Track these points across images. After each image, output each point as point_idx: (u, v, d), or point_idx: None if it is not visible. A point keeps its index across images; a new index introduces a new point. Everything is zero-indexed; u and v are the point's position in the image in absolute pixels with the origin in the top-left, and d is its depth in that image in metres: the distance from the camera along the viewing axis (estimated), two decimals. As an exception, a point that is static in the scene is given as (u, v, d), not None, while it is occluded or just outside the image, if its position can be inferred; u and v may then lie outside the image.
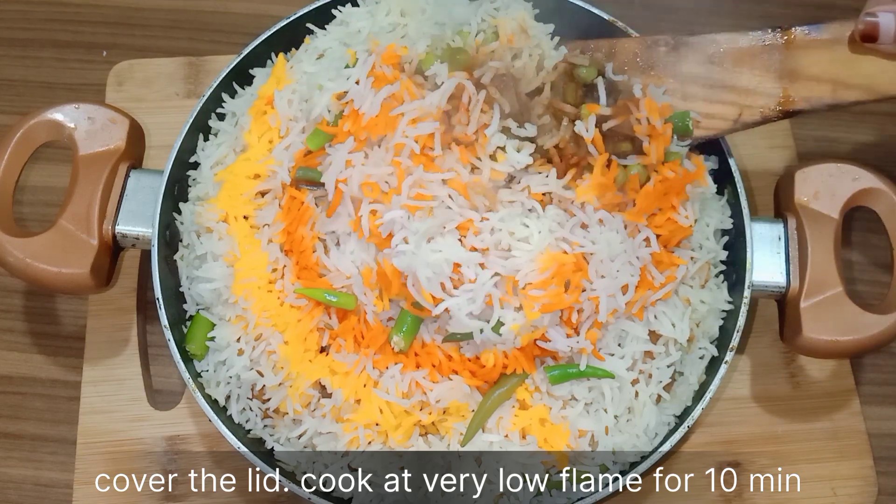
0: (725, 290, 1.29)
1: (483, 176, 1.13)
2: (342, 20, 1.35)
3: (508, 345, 1.13)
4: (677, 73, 1.22)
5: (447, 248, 1.10)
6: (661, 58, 1.22)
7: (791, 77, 1.18)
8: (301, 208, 1.19)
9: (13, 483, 1.34)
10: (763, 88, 1.19)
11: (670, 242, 1.20)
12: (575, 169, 1.15)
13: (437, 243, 1.10)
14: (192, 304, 1.29)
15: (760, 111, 1.20)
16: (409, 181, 1.11)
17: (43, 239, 1.25)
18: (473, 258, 1.10)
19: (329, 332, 1.18)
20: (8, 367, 1.41)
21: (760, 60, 1.19)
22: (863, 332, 1.24)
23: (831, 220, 1.29)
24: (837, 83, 1.17)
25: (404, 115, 1.13)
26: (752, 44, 1.19)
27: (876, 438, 1.38)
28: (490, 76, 1.14)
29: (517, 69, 1.17)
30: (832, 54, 1.16)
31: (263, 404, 1.21)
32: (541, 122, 1.15)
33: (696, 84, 1.21)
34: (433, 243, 1.10)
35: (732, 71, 1.20)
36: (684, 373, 1.25)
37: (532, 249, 1.10)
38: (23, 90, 1.61)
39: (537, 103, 1.16)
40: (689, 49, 1.21)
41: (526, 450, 1.16)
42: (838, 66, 1.16)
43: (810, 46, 1.17)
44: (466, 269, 1.10)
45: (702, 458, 1.35)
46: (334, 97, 1.20)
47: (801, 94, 1.18)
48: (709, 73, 1.21)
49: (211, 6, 1.70)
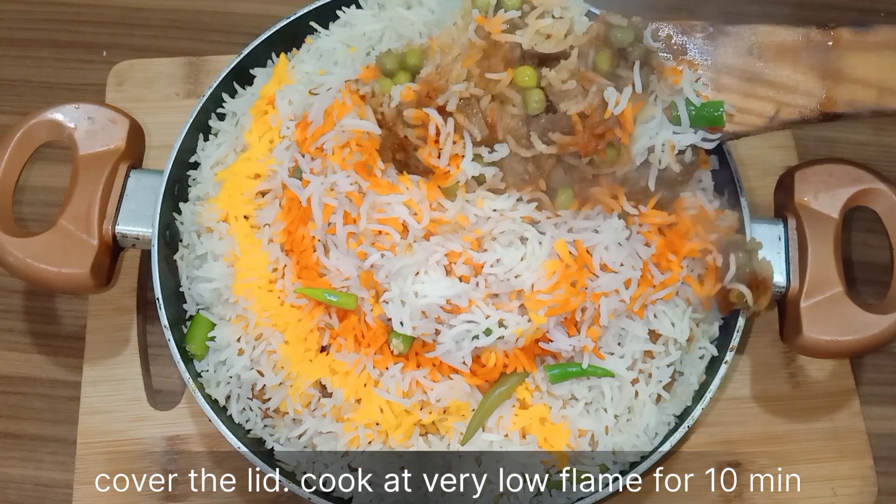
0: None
1: (448, 215, 1.09)
2: (346, 21, 1.35)
3: (510, 345, 1.13)
4: (713, 62, 1.15)
5: (434, 287, 1.09)
6: (696, 44, 1.14)
7: (835, 78, 1.12)
8: (301, 208, 1.19)
9: (13, 483, 1.34)
10: (805, 87, 1.13)
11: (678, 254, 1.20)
12: (596, 143, 1.07)
13: (422, 283, 1.09)
14: (192, 304, 1.28)
15: (800, 110, 1.13)
16: (365, 206, 1.10)
17: (43, 239, 1.25)
18: (465, 290, 1.10)
19: (329, 331, 1.18)
20: (8, 367, 1.41)
21: (804, 57, 1.13)
22: (863, 332, 1.24)
23: (831, 220, 1.29)
24: (884, 89, 1.11)
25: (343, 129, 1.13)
26: (795, 39, 1.13)
27: (876, 438, 1.38)
28: (455, 102, 1.07)
29: (545, 27, 1.08)
30: (880, 58, 1.11)
31: (263, 404, 1.21)
32: (565, 88, 1.07)
33: (732, 75, 1.14)
34: (419, 283, 1.09)
35: (773, 65, 1.13)
36: (684, 373, 1.25)
37: (535, 260, 1.10)
38: (23, 90, 1.61)
39: (562, 68, 1.07)
40: (727, 38, 1.14)
41: (526, 449, 1.16)
42: (886, 71, 1.11)
43: (858, 48, 1.12)
44: (459, 299, 1.10)
45: (702, 458, 1.35)
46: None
47: (844, 96, 1.12)
48: (747, 65, 1.14)
49: (211, 6, 1.70)
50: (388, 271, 1.10)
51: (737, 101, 1.14)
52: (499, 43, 1.08)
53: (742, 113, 1.14)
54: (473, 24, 1.09)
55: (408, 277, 1.09)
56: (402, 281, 1.09)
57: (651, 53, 1.10)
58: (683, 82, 1.11)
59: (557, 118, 1.08)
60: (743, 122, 1.14)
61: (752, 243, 1.22)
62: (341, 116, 1.13)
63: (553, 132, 1.07)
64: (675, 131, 1.11)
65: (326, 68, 1.28)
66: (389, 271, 1.10)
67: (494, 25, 1.08)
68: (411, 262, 1.09)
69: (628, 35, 1.07)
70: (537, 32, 1.08)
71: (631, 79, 1.07)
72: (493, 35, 1.07)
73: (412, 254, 1.10)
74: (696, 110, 1.12)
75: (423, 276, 1.09)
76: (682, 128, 1.12)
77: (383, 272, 1.10)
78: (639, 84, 1.07)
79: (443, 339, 1.11)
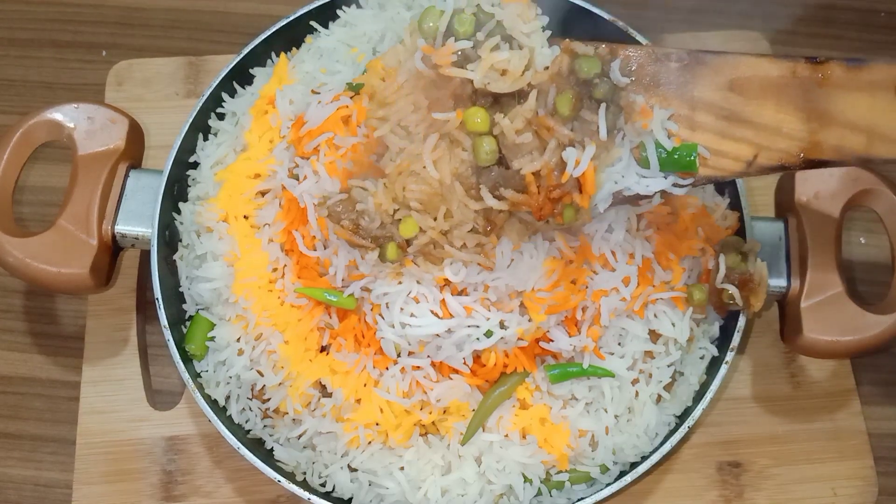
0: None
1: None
2: (346, 21, 1.35)
3: (511, 345, 1.13)
4: (688, 96, 1.01)
5: (422, 321, 1.10)
6: (671, 75, 1.01)
7: (822, 120, 0.99)
8: (301, 208, 1.19)
9: (13, 483, 1.34)
10: (788, 129, 1.00)
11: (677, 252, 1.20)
12: (552, 206, 0.98)
13: (413, 317, 1.10)
14: (191, 304, 1.28)
15: (781, 156, 1.01)
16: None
17: (43, 239, 1.25)
18: (456, 322, 1.10)
19: (329, 331, 1.18)
20: (8, 367, 1.41)
21: (789, 95, 1.00)
22: (863, 332, 1.24)
23: (831, 219, 1.29)
24: (874, 134, 0.99)
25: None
26: (781, 73, 1.00)
27: (876, 438, 1.38)
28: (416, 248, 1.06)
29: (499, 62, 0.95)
30: (873, 99, 0.98)
31: (263, 404, 1.21)
32: (519, 140, 0.96)
33: (708, 113, 1.01)
34: (407, 316, 1.10)
35: (754, 103, 1.00)
36: (684, 373, 1.25)
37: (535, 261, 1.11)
38: (23, 90, 1.61)
39: (518, 114, 0.96)
40: (706, 69, 1.01)
41: (526, 450, 1.16)
42: (878, 115, 0.99)
43: (849, 87, 0.99)
44: (455, 318, 1.11)
45: (702, 458, 1.35)
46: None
47: (831, 141, 0.99)
48: (726, 101, 1.00)
49: (211, 6, 1.70)
50: (377, 296, 1.11)
51: (712, 143, 1.01)
52: (447, 76, 0.97)
53: (717, 156, 1.01)
54: (419, 50, 0.98)
55: (395, 304, 1.10)
56: (389, 312, 1.11)
57: (619, 91, 0.99)
58: (654, 124, 0.99)
59: (510, 175, 0.99)
60: (717, 166, 1.02)
61: (750, 244, 1.22)
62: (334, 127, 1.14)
63: (505, 188, 0.99)
64: (642, 175, 1.01)
65: (328, 67, 1.28)
66: (377, 296, 1.11)
67: (443, 57, 0.96)
68: (399, 290, 1.10)
69: (594, 66, 0.97)
70: (491, 68, 0.95)
71: (595, 125, 0.97)
72: (441, 70, 0.96)
73: (399, 281, 1.11)
74: (668, 154, 1.00)
75: (412, 307, 1.10)
76: (650, 171, 1.01)
77: (373, 295, 1.12)
78: (603, 130, 0.97)
79: (443, 343, 1.11)
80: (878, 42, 1.72)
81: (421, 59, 0.98)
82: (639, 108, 0.99)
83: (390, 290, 1.11)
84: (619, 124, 1.00)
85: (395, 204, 1.04)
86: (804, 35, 1.71)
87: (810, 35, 1.71)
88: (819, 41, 1.71)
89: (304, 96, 1.25)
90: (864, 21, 1.74)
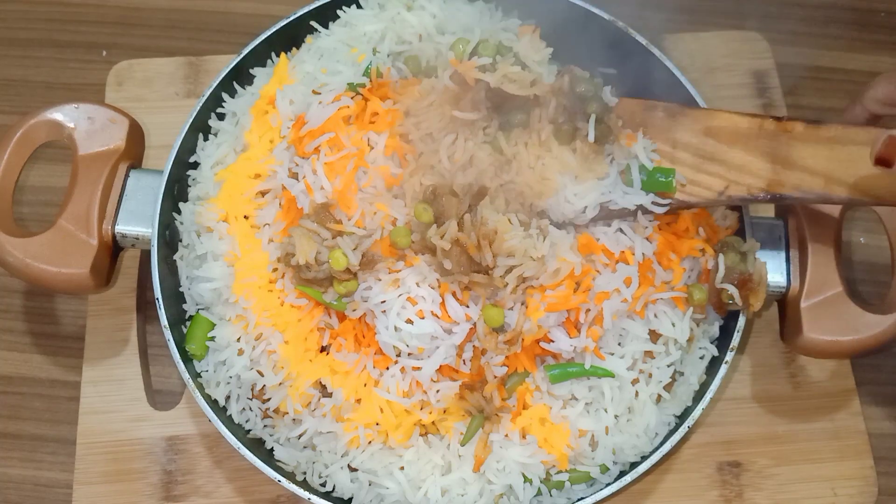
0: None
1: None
2: (346, 21, 1.35)
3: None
4: (670, 137, 1.19)
5: (417, 327, 1.11)
6: (657, 121, 1.20)
7: (784, 164, 1.14)
8: (300, 208, 1.19)
9: (13, 483, 1.34)
10: (755, 168, 1.15)
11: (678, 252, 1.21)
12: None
13: (408, 324, 1.11)
14: (191, 304, 1.28)
15: (748, 188, 1.15)
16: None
17: (43, 239, 1.25)
18: (459, 317, 1.11)
19: (329, 331, 1.18)
20: (8, 367, 1.41)
21: (756, 143, 1.15)
22: (863, 332, 1.24)
23: (831, 219, 1.29)
24: (831, 179, 1.12)
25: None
26: (749, 126, 1.16)
27: (876, 438, 1.38)
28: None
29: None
30: (830, 151, 1.12)
31: (263, 404, 1.21)
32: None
33: (686, 151, 1.18)
34: (408, 318, 1.11)
35: (725, 147, 1.17)
36: (684, 373, 1.25)
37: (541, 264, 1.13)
38: (23, 90, 1.61)
39: (447, 229, 1.10)
40: (686, 118, 1.19)
41: (526, 449, 1.16)
42: (835, 164, 1.12)
43: (809, 140, 1.13)
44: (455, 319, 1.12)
45: (702, 458, 1.35)
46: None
47: (791, 181, 1.14)
48: (702, 144, 1.18)
49: (211, 6, 1.70)
50: (374, 304, 1.13)
51: (688, 174, 1.17)
52: (468, 87, 1.15)
53: (692, 185, 1.17)
54: (448, 69, 1.17)
55: (392, 309, 1.11)
56: (386, 317, 1.12)
57: (608, 110, 1.17)
58: (637, 147, 1.16)
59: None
60: (693, 193, 1.17)
61: (749, 243, 1.22)
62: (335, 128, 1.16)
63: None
64: (625, 192, 1.16)
65: (329, 67, 1.28)
66: (375, 304, 1.13)
67: (468, 67, 1.15)
68: (395, 296, 1.11)
69: (591, 85, 1.16)
70: (505, 76, 1.14)
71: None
72: (466, 75, 1.14)
73: (395, 288, 1.12)
74: (649, 175, 1.16)
75: (409, 312, 1.11)
76: (633, 189, 1.16)
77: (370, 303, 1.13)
78: (592, 134, 1.14)
79: (441, 344, 1.11)
80: (878, 42, 1.72)
81: (449, 77, 1.16)
82: (624, 135, 1.17)
83: (387, 297, 1.12)
84: (609, 149, 1.16)
85: (316, 248, 1.13)
86: (804, 35, 1.71)
87: (810, 35, 1.71)
88: (819, 41, 1.71)
89: (305, 96, 1.26)
90: (864, 21, 1.74)
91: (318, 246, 1.12)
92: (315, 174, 1.16)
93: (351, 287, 1.13)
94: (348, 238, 1.13)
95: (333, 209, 1.16)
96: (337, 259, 1.11)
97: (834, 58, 1.69)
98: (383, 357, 1.15)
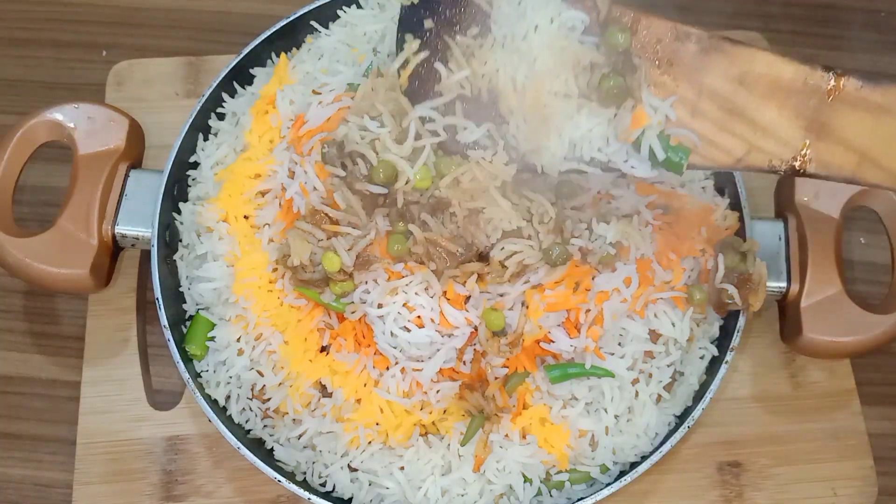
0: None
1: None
2: (346, 21, 1.35)
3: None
4: (698, 80, 1.02)
5: (414, 336, 1.11)
6: (686, 56, 1.01)
7: (819, 132, 0.99)
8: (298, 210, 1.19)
9: (13, 483, 1.34)
10: (784, 133, 1.00)
11: (678, 252, 1.20)
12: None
13: (405, 332, 1.12)
14: (191, 304, 1.28)
15: (770, 159, 1.01)
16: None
17: (43, 239, 1.25)
18: (460, 323, 1.12)
19: (329, 331, 1.18)
20: (8, 367, 1.41)
21: (794, 100, 1.00)
22: (863, 332, 1.24)
23: (831, 220, 1.29)
24: (866, 158, 0.98)
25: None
26: (793, 76, 0.99)
27: (876, 438, 1.38)
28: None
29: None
30: (875, 123, 0.97)
31: (263, 404, 1.21)
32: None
33: (713, 102, 1.01)
34: (404, 325, 1.12)
35: (759, 101, 1.00)
36: (684, 373, 1.25)
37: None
38: (23, 90, 1.61)
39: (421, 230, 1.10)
40: (722, 57, 1.01)
41: (526, 449, 1.16)
42: (876, 140, 0.98)
43: (855, 105, 0.98)
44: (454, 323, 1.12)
45: (702, 458, 1.35)
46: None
47: (821, 155, 1.00)
48: (732, 94, 1.01)
49: (211, 6, 1.70)
50: (373, 306, 1.13)
51: (708, 133, 1.02)
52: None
53: (708, 146, 1.03)
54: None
55: (389, 316, 1.11)
56: (383, 323, 1.12)
57: (633, 71, 1.02)
58: (647, 130, 1.02)
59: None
60: (707, 156, 1.03)
61: (749, 244, 1.22)
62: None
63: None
64: (632, 165, 1.05)
65: (329, 67, 1.28)
66: (373, 311, 1.12)
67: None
68: (393, 303, 1.11)
69: (627, 39, 1.01)
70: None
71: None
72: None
73: (393, 296, 1.12)
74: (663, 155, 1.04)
75: (406, 320, 1.11)
76: (639, 160, 1.05)
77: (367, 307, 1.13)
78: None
79: (441, 348, 1.12)
80: (878, 42, 1.72)
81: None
82: (639, 110, 1.02)
83: (385, 304, 1.12)
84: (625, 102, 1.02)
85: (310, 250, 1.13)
86: (804, 35, 1.71)
87: (810, 35, 1.71)
88: (819, 41, 1.71)
89: (305, 96, 1.26)
90: (864, 21, 1.74)
91: (312, 247, 1.12)
92: (306, 174, 1.16)
93: (347, 287, 1.13)
94: (342, 239, 1.12)
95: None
96: (329, 260, 1.11)
97: (834, 58, 1.69)
98: (383, 357, 1.15)
